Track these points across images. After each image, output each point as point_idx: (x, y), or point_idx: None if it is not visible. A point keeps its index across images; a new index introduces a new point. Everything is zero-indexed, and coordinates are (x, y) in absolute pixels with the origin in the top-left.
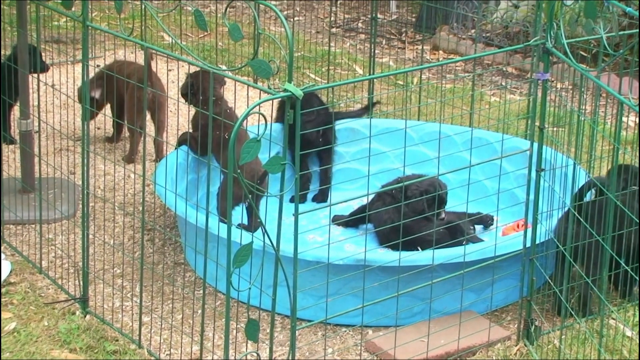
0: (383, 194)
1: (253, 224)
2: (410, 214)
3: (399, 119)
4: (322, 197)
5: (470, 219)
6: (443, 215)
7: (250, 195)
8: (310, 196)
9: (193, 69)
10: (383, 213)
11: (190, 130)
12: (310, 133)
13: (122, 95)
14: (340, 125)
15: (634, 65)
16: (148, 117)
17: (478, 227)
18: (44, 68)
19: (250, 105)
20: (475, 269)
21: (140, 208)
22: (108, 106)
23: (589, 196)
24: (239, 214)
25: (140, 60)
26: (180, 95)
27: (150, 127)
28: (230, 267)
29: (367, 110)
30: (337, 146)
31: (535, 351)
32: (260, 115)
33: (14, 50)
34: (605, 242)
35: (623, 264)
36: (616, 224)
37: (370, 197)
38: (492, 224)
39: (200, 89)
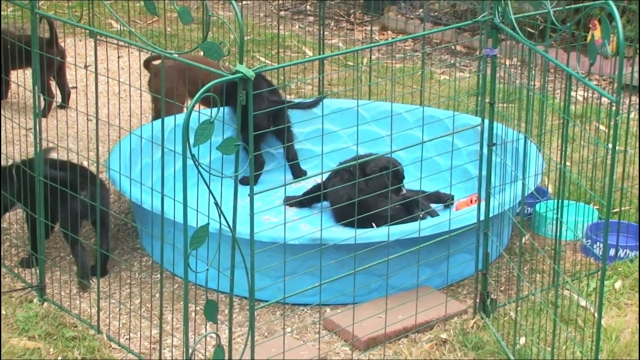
0: (341, 171)
1: None
2: (369, 190)
3: (350, 98)
4: (298, 172)
5: (426, 195)
6: (404, 190)
7: None
8: (267, 178)
9: (144, 54)
10: (340, 190)
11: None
12: (261, 118)
13: None
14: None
15: (581, 39)
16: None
17: (436, 206)
18: None
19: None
20: (431, 244)
21: None
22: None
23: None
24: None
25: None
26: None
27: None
28: (187, 249)
29: (317, 103)
30: (291, 125)
31: (492, 323)
32: (212, 98)
33: None
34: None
35: None
36: None
37: (325, 176)
38: (451, 203)
39: None
